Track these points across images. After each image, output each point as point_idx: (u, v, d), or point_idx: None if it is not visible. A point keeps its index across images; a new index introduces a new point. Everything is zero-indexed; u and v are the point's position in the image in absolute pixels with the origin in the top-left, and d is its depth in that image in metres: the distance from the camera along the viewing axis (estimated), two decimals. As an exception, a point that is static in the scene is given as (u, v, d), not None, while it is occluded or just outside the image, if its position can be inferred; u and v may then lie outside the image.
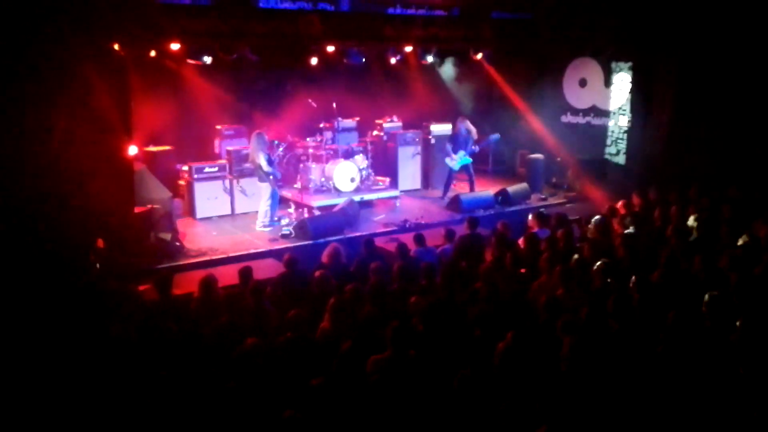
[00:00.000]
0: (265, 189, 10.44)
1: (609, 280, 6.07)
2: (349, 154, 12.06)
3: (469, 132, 12.16)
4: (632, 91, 12.56)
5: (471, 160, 12.26)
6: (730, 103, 11.17)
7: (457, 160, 12.13)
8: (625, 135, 12.76)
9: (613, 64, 12.80)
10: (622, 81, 12.71)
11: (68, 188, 7.82)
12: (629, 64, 12.54)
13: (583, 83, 13.39)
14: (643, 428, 3.81)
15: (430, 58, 12.91)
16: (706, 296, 5.12)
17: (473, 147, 12.13)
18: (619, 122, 12.86)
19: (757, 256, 6.58)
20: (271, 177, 10.34)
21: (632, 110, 12.61)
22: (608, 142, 13.04)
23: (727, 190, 9.42)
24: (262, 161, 10.24)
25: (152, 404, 4.18)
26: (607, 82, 12.96)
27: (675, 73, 11.72)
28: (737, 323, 4.73)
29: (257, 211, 10.55)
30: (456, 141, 12.20)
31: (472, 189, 12.37)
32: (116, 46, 8.75)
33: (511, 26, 13.21)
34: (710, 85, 11.31)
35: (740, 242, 7.14)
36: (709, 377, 4.23)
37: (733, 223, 7.79)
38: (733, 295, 5.47)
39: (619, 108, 12.83)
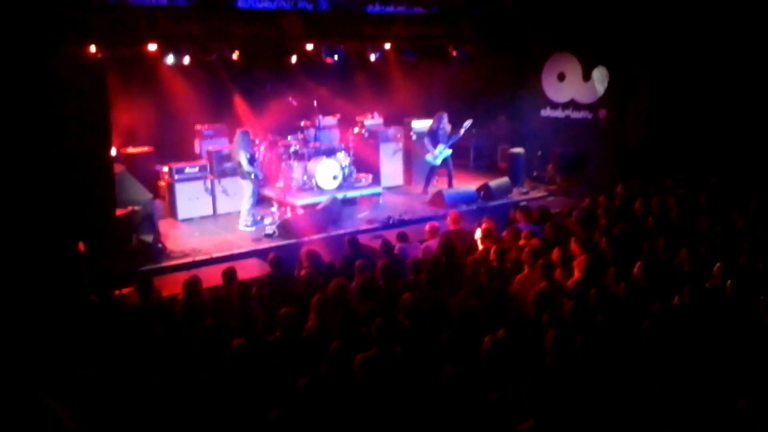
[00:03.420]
0: (246, 187, 10.40)
1: (591, 273, 6.12)
2: (331, 152, 12.03)
3: (445, 128, 12.35)
4: (610, 85, 12.66)
5: (451, 151, 12.40)
6: (708, 94, 11.36)
7: (438, 154, 12.23)
8: (604, 128, 12.86)
9: (591, 59, 12.90)
10: (600, 75, 12.80)
11: (48, 191, 7.74)
12: (607, 58, 12.65)
13: (561, 77, 13.47)
14: (629, 421, 3.85)
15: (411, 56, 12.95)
16: (688, 287, 5.20)
17: (452, 136, 12.27)
18: (598, 115, 12.96)
19: (737, 246, 6.67)
20: (252, 176, 10.31)
21: (611, 103, 12.72)
22: (587, 135, 13.13)
23: (707, 181, 9.49)
24: (243, 159, 10.20)
25: (142, 407, 4.16)
26: (586, 76, 13.05)
27: (652, 69, 11.90)
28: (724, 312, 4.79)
29: (239, 211, 10.52)
30: (435, 136, 12.31)
31: (450, 183, 12.51)
32: (93, 48, 8.65)
33: (490, 22, 13.24)
34: (687, 77, 11.51)
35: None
36: (694, 369, 4.28)
37: (711, 214, 7.89)
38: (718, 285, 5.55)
39: (598, 101, 12.93)
